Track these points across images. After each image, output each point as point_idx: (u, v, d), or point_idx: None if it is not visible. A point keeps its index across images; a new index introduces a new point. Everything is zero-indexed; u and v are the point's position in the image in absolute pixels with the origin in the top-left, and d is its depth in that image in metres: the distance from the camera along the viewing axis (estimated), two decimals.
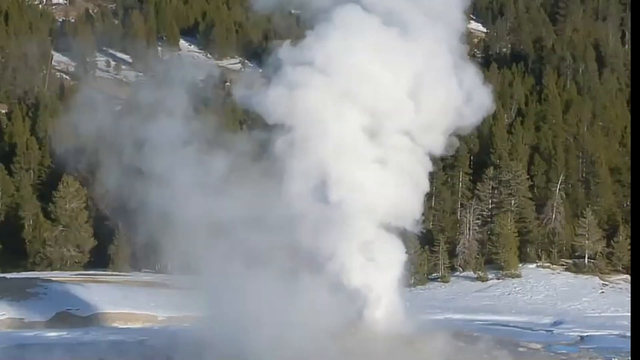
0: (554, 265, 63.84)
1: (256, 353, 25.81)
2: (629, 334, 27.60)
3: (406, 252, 29.54)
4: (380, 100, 28.43)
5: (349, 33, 28.50)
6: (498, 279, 62.07)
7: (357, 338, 27.36)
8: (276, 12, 31.43)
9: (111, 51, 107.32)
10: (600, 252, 63.07)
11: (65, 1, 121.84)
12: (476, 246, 64.26)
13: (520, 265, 63.26)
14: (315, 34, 28.86)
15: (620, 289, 59.19)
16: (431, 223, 66.11)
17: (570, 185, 69.51)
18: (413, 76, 28.56)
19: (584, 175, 70.44)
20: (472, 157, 72.45)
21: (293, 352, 25.81)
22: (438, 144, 29.39)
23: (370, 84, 28.28)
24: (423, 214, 31.17)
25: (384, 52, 28.34)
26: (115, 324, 43.62)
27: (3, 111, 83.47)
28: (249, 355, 25.88)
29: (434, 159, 29.91)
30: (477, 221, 65.11)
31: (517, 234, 63.88)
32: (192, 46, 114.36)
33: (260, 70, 29.55)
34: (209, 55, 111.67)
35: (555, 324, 48.00)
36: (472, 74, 29.61)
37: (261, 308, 26.67)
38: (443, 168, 70.15)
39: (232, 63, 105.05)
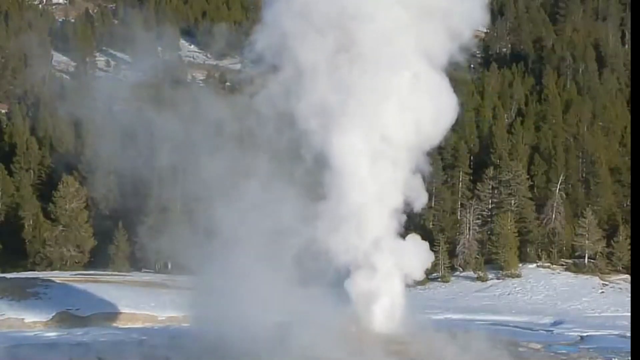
0: (554, 265, 63.82)
1: (255, 353, 25.81)
2: (629, 334, 27.62)
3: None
4: None
5: None
6: (498, 279, 62.06)
7: (357, 338, 27.35)
8: None
9: (111, 51, 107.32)
10: (600, 252, 63.07)
11: (65, 1, 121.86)
12: (476, 246, 64.24)
13: (520, 265, 63.24)
14: None
15: (620, 289, 59.17)
16: (431, 223, 66.12)
17: (570, 185, 69.51)
18: None
19: (584, 175, 70.44)
20: (472, 157, 72.50)
21: (292, 351, 25.82)
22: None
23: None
24: (423, 214, 31.25)
25: None
26: (115, 324, 43.60)
27: (3, 111, 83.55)
28: (248, 355, 25.88)
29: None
30: (477, 221, 65.10)
31: (517, 234, 63.87)
32: (192, 46, 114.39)
33: None
34: (208, 55, 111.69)
35: (555, 324, 48.00)
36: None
37: (260, 308, 26.70)
38: (443, 168, 70.24)
39: (232, 63, 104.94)
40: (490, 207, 66.54)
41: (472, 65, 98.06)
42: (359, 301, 28.61)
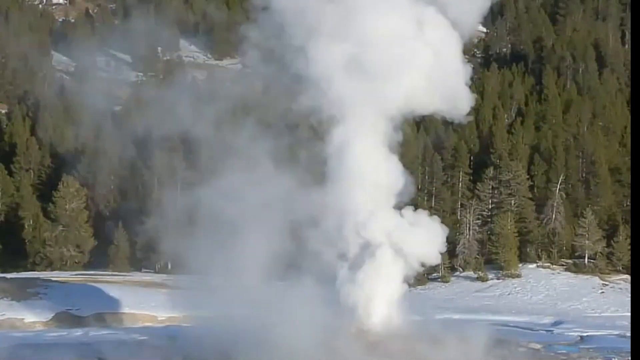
0: (554, 265, 63.84)
1: (255, 353, 25.80)
2: (629, 334, 27.63)
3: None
4: None
5: None
6: (498, 279, 62.09)
7: (356, 339, 27.32)
8: None
9: (111, 51, 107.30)
10: (600, 252, 63.09)
11: (65, 1, 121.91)
12: (476, 246, 64.26)
13: (520, 265, 63.27)
14: None
15: (620, 289, 59.21)
16: None
17: (570, 185, 69.52)
18: None
19: (584, 175, 70.44)
20: (472, 157, 72.49)
21: (291, 352, 25.80)
22: None
23: None
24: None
25: None
26: (115, 324, 43.60)
27: (3, 111, 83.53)
28: (247, 356, 25.87)
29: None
30: (477, 221, 65.11)
31: (517, 234, 63.88)
32: (192, 46, 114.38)
33: None
34: (208, 55, 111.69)
35: (555, 324, 47.97)
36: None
37: (260, 308, 26.68)
38: (443, 168, 70.25)
39: (232, 63, 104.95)
40: (490, 207, 66.56)
41: (472, 65, 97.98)
42: (356, 298, 28.47)
